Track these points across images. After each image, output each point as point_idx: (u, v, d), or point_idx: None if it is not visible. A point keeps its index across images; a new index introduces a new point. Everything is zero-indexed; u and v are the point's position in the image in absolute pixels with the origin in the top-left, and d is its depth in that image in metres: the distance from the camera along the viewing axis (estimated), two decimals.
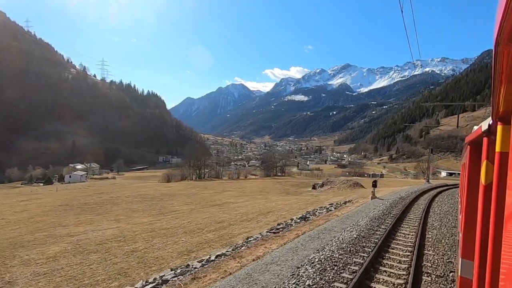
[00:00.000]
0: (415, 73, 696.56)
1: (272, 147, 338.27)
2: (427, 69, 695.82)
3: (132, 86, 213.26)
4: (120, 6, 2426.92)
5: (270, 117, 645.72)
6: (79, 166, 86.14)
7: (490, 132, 1.99)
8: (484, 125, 2.11)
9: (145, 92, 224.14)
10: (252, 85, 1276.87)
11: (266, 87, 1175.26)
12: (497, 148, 1.69)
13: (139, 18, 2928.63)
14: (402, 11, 9.63)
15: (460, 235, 3.66)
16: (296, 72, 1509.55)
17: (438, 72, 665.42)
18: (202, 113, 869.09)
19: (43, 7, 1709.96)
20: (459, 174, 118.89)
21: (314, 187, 30.72)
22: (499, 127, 1.68)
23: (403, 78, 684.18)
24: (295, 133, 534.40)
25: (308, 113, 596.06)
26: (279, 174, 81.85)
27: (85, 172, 70.02)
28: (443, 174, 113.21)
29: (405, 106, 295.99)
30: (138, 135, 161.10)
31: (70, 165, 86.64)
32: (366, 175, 72.69)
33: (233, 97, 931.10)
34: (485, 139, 2.16)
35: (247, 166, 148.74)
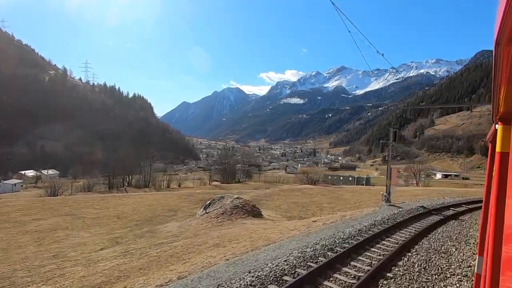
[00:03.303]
0: (410, 74, 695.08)
1: (266, 149, 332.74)
2: (422, 71, 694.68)
3: (117, 88, 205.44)
4: (117, 9, 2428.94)
5: (265, 120, 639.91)
6: (31, 174, 78.31)
7: None
8: None
9: (131, 95, 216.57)
10: (248, 89, 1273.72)
11: (262, 90, 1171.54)
12: (498, 149, 1.65)
13: (134, 22, 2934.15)
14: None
15: (479, 232, 3.63)
16: (291, 75, 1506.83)
17: (433, 73, 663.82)
18: (198, 117, 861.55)
19: (40, 11, 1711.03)
20: (455, 176, 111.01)
21: (206, 207, 22.44)
22: (500, 128, 1.66)
23: (398, 80, 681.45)
24: (290, 136, 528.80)
25: (304, 115, 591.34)
26: (239, 180, 71.22)
27: (20, 181, 61.72)
28: (438, 176, 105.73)
29: (400, 107, 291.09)
30: (119, 139, 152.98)
31: (20, 172, 78.90)
32: (351, 178, 65.15)
33: (229, 101, 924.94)
34: None
35: None
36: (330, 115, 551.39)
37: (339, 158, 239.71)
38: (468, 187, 55.17)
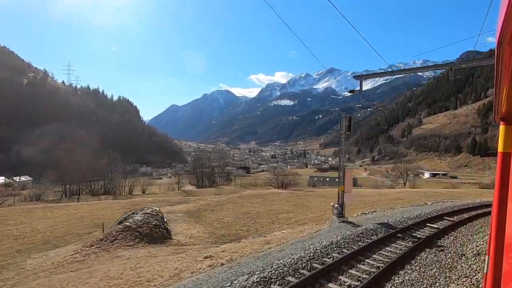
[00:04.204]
0: (398, 76, 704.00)
1: (256, 152, 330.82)
2: None
3: (100, 91, 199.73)
4: (103, 12, 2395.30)
5: (256, 123, 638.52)
6: (0, 181, 74.03)
7: None
8: None
9: (116, 98, 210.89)
10: (238, 91, 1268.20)
11: (252, 92, 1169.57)
12: (500, 149, 1.62)
13: (121, 25, 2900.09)
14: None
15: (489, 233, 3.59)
16: (280, 77, 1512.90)
17: (420, 74, 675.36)
18: (188, 120, 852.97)
19: (22, 13, 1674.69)
20: (443, 175, 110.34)
21: (120, 222, 18.25)
22: (502, 127, 1.63)
23: (387, 81, 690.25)
24: (281, 137, 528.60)
25: (294, 117, 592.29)
26: (213, 184, 67.90)
27: None
28: (426, 175, 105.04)
29: (389, 108, 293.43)
30: (101, 143, 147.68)
31: None
32: (337, 179, 62.86)
33: (219, 103, 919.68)
34: None
35: None
36: (320, 116, 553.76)
37: (329, 159, 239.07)
38: (456, 187, 53.52)
